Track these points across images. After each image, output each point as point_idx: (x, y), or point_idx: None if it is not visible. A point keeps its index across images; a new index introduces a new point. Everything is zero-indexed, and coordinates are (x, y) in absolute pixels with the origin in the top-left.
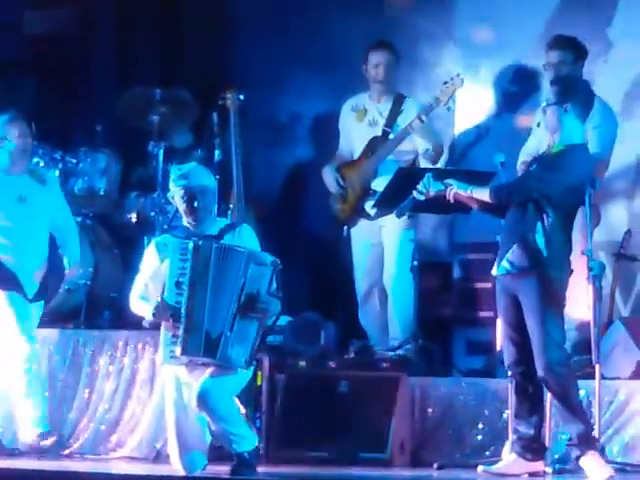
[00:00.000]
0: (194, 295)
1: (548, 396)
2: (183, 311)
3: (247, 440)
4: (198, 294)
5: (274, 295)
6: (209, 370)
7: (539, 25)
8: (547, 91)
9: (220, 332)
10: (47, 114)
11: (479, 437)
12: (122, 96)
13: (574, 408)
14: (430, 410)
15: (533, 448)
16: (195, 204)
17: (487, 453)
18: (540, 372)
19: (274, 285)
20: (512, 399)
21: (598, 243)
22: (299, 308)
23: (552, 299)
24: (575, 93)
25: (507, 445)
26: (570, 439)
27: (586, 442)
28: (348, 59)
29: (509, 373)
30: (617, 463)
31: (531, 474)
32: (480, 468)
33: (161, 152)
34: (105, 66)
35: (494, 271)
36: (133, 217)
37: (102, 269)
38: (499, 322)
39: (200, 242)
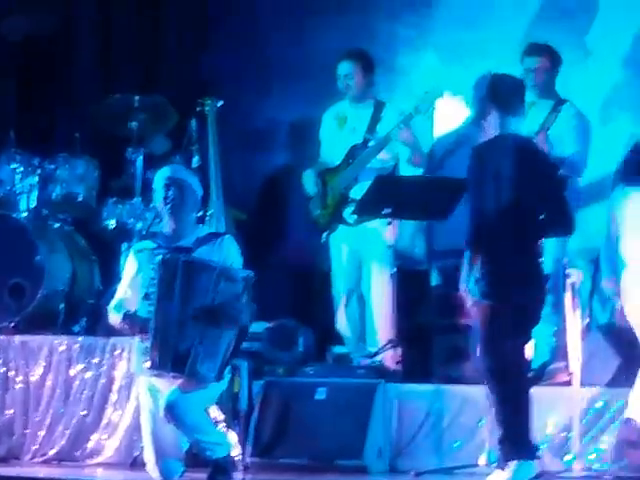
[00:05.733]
0: (161, 309)
1: None
2: (151, 324)
3: (221, 447)
4: (165, 308)
5: (247, 308)
6: (179, 381)
7: (518, 31)
8: None
9: (189, 347)
10: (26, 120)
11: (457, 444)
12: (101, 103)
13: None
14: (408, 417)
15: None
16: (173, 194)
17: (465, 460)
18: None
19: (244, 299)
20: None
21: (575, 250)
22: (277, 314)
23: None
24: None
25: (484, 454)
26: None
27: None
28: (326, 65)
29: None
30: (594, 471)
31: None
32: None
33: (140, 159)
34: (84, 73)
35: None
36: (111, 224)
37: (80, 276)
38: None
39: (168, 256)
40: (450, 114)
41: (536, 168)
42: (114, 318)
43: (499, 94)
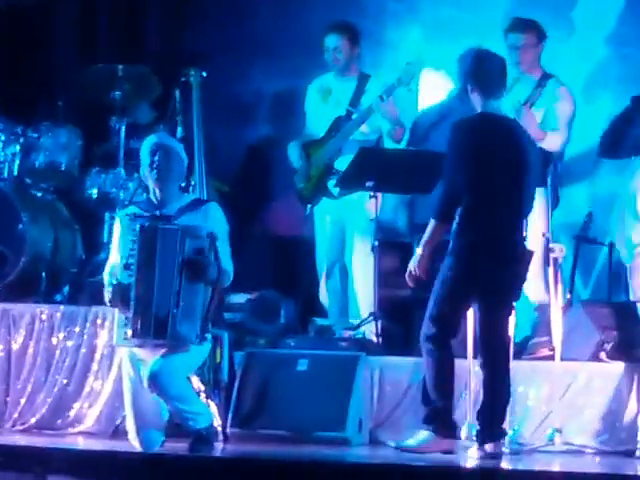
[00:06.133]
0: (142, 278)
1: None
2: (132, 294)
3: (203, 417)
4: (145, 276)
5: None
6: (162, 350)
7: (504, 6)
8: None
9: (167, 311)
10: (9, 89)
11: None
12: (85, 72)
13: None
14: (389, 389)
15: (447, 423)
16: (159, 160)
17: None
18: None
19: (213, 255)
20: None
21: (558, 225)
22: (260, 286)
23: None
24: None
25: (465, 425)
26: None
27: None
28: (311, 39)
29: None
30: (575, 445)
31: (445, 452)
32: (392, 444)
33: (123, 128)
34: (67, 41)
35: None
36: (94, 193)
37: (62, 244)
38: None
39: (146, 224)
40: (435, 87)
41: (514, 147)
42: (105, 288)
43: (481, 74)
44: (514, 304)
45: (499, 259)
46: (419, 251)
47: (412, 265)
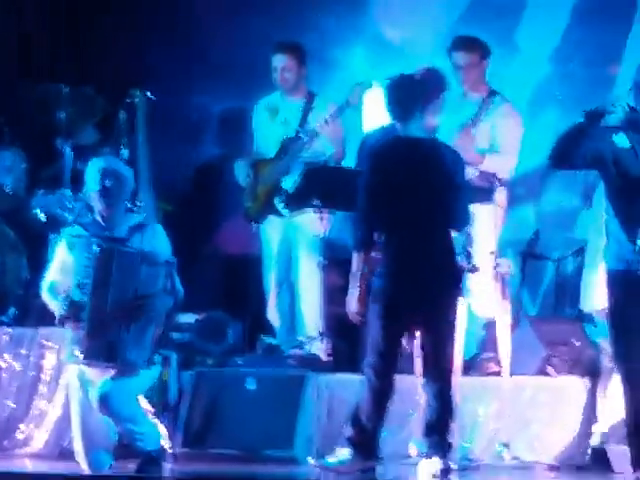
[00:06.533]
0: (95, 299)
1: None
2: (85, 314)
3: (151, 438)
4: (99, 298)
5: (168, 292)
6: (111, 371)
7: (448, 26)
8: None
9: (118, 335)
10: None
11: (385, 434)
12: (29, 93)
13: None
14: (338, 407)
15: (370, 446)
16: (110, 185)
17: (395, 450)
18: None
19: (169, 283)
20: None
21: (505, 242)
22: (207, 305)
23: None
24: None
25: (413, 442)
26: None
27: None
28: (257, 58)
29: None
30: (524, 460)
31: (364, 471)
32: (311, 461)
33: (68, 150)
34: (9, 62)
35: None
36: (40, 214)
37: (8, 266)
38: None
39: (105, 246)
40: (381, 107)
41: (432, 167)
42: (52, 301)
43: (391, 101)
44: (457, 320)
45: (427, 281)
46: (350, 288)
47: (349, 306)
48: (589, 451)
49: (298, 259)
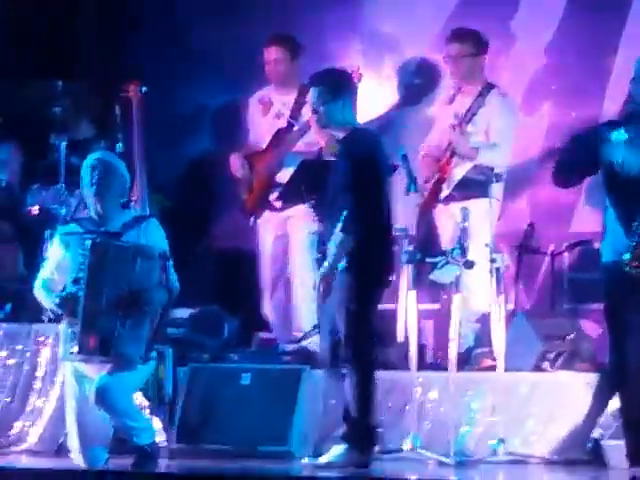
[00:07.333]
0: (90, 294)
1: None
2: (80, 309)
3: (147, 433)
4: (94, 293)
5: (163, 286)
6: (107, 366)
7: (443, 19)
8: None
9: (113, 330)
10: None
11: (382, 429)
12: (24, 88)
13: None
14: (334, 402)
15: (366, 440)
16: (99, 175)
17: (390, 445)
18: None
19: (164, 277)
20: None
21: (500, 235)
22: (203, 300)
23: None
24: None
25: (409, 438)
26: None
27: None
28: (251, 52)
29: None
30: (519, 455)
31: (359, 466)
32: (305, 460)
33: (63, 144)
34: (5, 57)
35: None
36: (35, 209)
37: (3, 261)
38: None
39: (98, 240)
40: (374, 99)
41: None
42: (44, 297)
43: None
44: None
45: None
46: None
47: None
48: (585, 446)
49: (294, 254)
